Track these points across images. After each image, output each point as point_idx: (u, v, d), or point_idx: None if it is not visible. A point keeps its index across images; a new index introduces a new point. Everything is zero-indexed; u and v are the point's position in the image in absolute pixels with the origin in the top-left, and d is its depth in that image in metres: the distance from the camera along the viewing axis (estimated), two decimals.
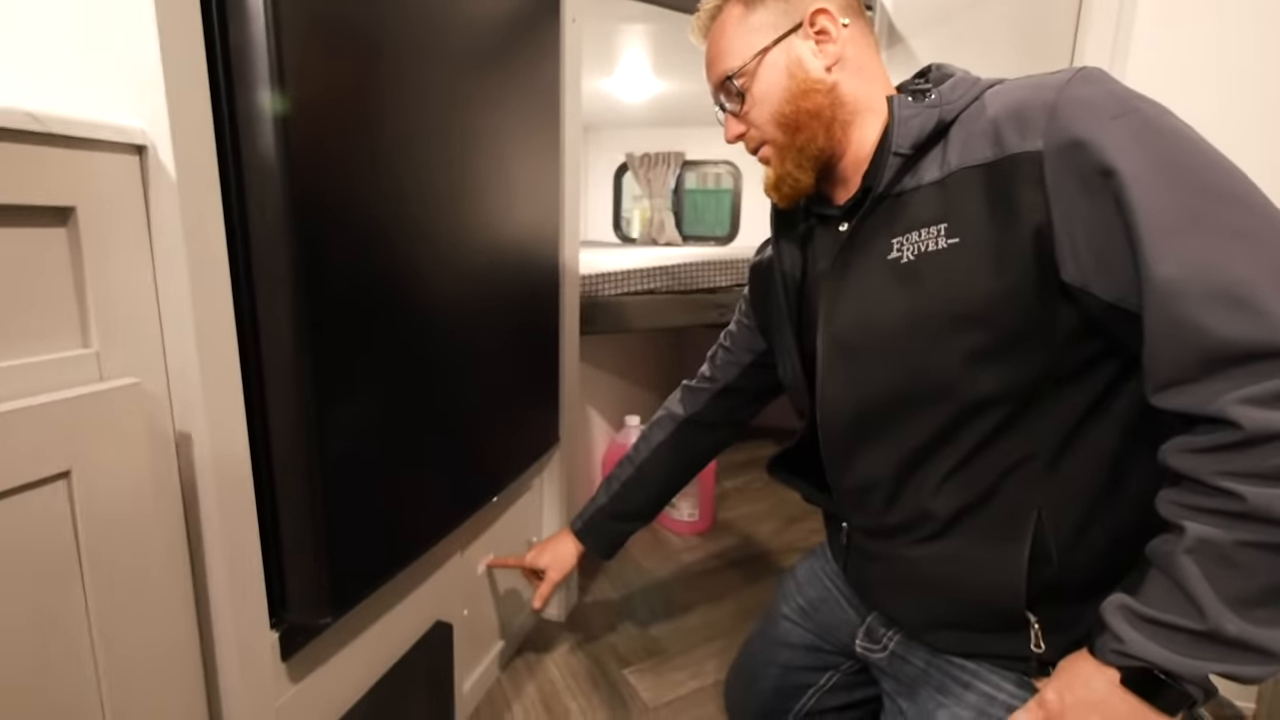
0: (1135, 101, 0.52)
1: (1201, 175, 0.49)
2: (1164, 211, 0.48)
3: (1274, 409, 0.45)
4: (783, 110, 0.66)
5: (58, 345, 0.49)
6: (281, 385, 0.62)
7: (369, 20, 0.66)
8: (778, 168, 0.68)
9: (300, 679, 0.72)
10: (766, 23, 0.66)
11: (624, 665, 1.29)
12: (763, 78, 0.66)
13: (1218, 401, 0.47)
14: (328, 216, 0.63)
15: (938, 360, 0.60)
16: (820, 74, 0.65)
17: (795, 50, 0.65)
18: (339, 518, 0.68)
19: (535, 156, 1.08)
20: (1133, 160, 0.49)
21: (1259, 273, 0.46)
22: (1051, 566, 0.61)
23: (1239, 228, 0.47)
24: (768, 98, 0.66)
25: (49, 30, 0.53)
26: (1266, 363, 0.45)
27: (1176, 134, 0.50)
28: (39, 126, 0.45)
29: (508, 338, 1.05)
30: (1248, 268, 0.46)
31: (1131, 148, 0.49)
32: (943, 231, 0.58)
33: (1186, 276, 0.47)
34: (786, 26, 0.66)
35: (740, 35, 0.67)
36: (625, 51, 1.86)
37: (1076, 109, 0.52)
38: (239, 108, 0.56)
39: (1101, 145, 0.50)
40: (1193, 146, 0.50)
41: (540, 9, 1.05)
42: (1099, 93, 0.52)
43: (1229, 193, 0.48)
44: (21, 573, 0.46)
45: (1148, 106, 0.52)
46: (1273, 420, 0.45)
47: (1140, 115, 0.51)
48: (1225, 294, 0.46)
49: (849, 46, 0.65)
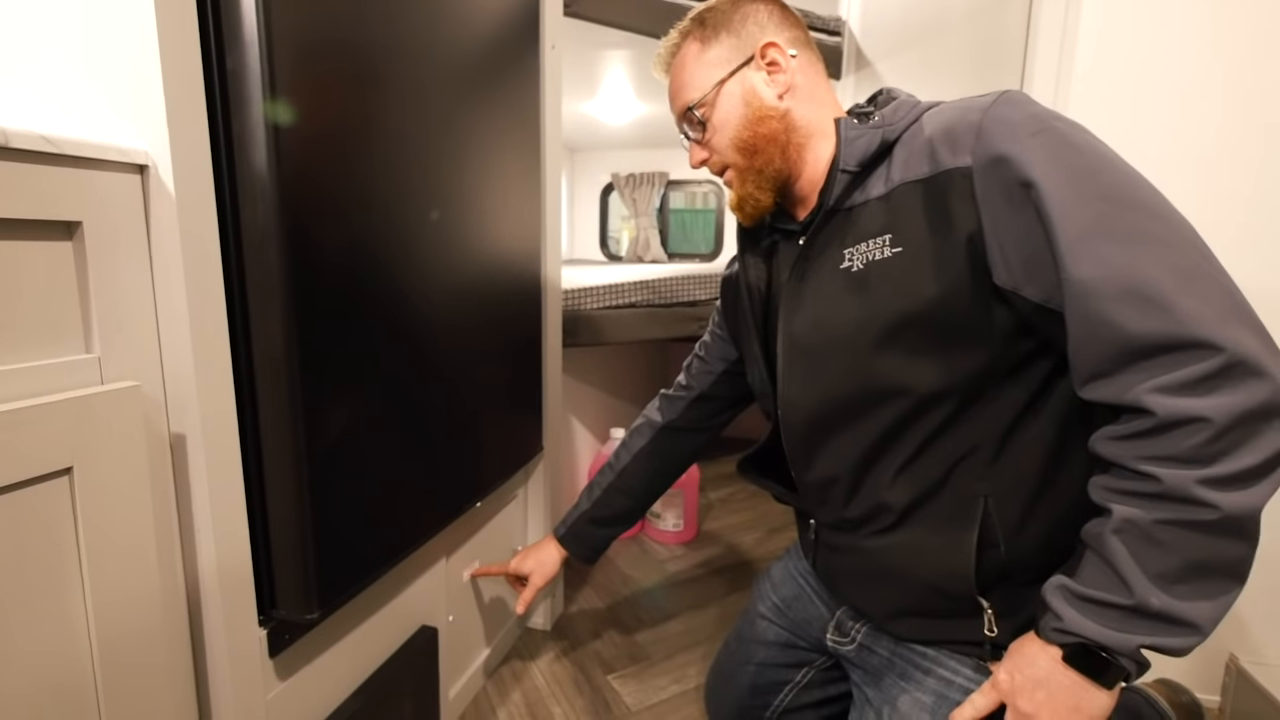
0: (1051, 120, 0.57)
1: (1110, 185, 0.54)
2: (1077, 219, 0.53)
3: (1182, 396, 0.50)
4: (741, 136, 0.71)
5: (62, 350, 0.53)
6: (271, 389, 0.65)
7: (358, 46, 0.71)
8: (739, 189, 0.73)
9: (287, 677, 0.74)
10: (722, 57, 0.72)
11: (608, 671, 1.31)
12: (721, 107, 0.72)
13: (1133, 391, 0.52)
14: (317, 230, 0.67)
15: (886, 360, 0.64)
16: (774, 102, 0.70)
17: (749, 81, 0.71)
18: (325, 517, 0.71)
19: (517, 175, 1.13)
20: (1048, 173, 0.54)
21: (1163, 272, 0.51)
22: (999, 553, 0.65)
23: (1145, 231, 0.52)
24: (727, 125, 0.72)
25: (58, 56, 0.57)
26: (1174, 354, 0.50)
27: (1088, 149, 0.56)
28: (52, 148, 0.49)
29: (490, 348, 1.09)
30: (1154, 268, 0.51)
31: (1047, 162, 0.54)
32: (888, 241, 0.64)
33: (1099, 277, 0.52)
34: (740, 60, 0.71)
35: (699, 69, 0.73)
36: (607, 76, 1.92)
37: (999, 128, 0.57)
38: (234, 128, 0.60)
39: (1021, 160, 0.55)
40: (1103, 160, 0.55)
41: (520, 36, 1.10)
42: (1019, 113, 0.58)
43: (1136, 200, 0.53)
44: (25, 563, 0.49)
45: (1063, 124, 0.57)
46: (1180, 406, 0.49)
47: (1055, 132, 0.56)
48: (1135, 292, 0.51)
49: (798, 75, 0.71)
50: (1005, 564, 0.65)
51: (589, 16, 1.37)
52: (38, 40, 0.58)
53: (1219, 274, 0.52)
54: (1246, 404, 0.48)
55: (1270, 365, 0.49)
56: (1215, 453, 0.49)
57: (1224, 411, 0.48)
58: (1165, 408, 0.50)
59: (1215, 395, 0.49)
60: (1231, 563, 0.52)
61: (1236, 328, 0.49)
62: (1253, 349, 0.49)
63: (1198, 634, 0.52)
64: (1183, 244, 0.52)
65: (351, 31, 0.70)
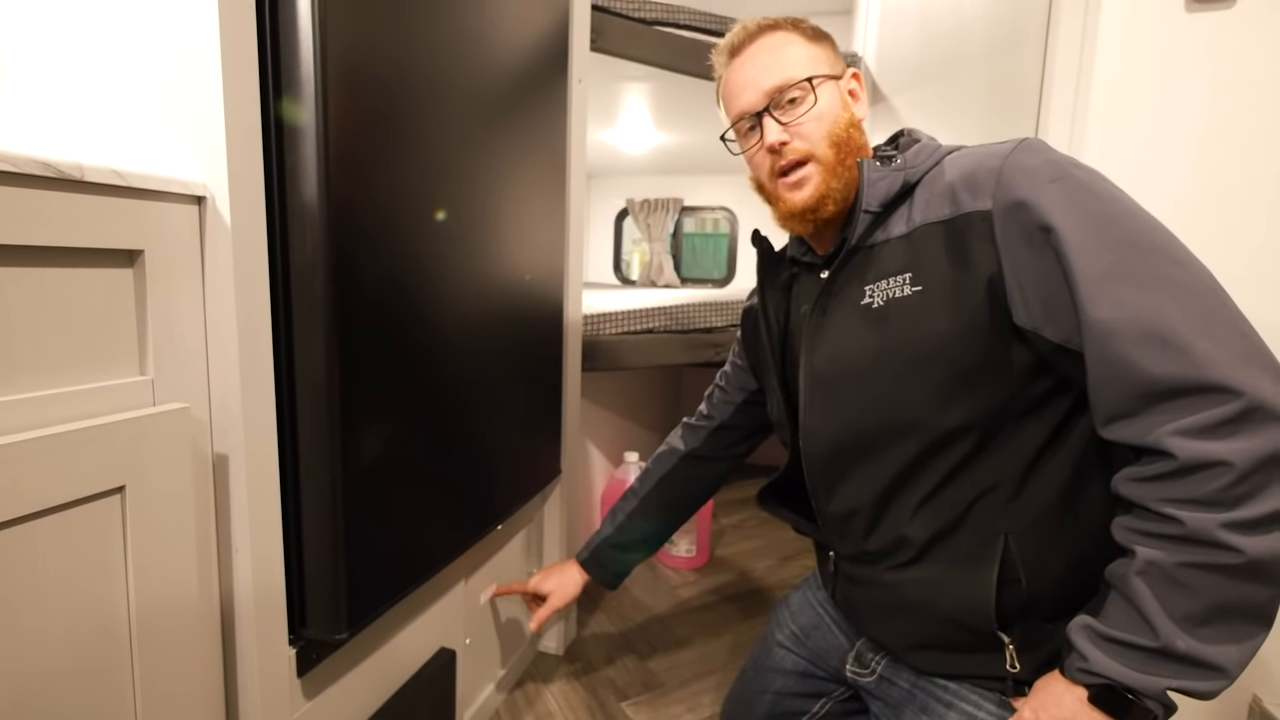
0: (1069, 167, 0.59)
1: (1129, 230, 0.56)
2: (1096, 262, 0.54)
3: (1202, 439, 0.50)
4: (837, 132, 0.69)
5: (119, 372, 0.55)
6: (311, 413, 0.67)
7: (403, 84, 0.74)
8: (822, 185, 0.70)
9: (313, 696, 0.75)
10: (826, 59, 0.72)
11: (621, 698, 1.30)
12: (825, 97, 0.70)
13: (1154, 433, 0.52)
14: (358, 260, 0.69)
15: (906, 395, 0.66)
16: (860, 114, 0.73)
17: (842, 94, 0.72)
18: (357, 538, 0.72)
19: (543, 206, 1.16)
20: (1067, 217, 0.56)
21: (1181, 315, 0.52)
22: (1020, 588, 0.65)
23: (1163, 275, 0.54)
24: (827, 116, 0.70)
25: (127, 91, 0.61)
26: (1193, 397, 0.51)
27: (1107, 195, 0.58)
28: (121, 181, 0.52)
29: (514, 374, 1.11)
30: (1172, 311, 0.52)
31: (1066, 207, 0.56)
32: (908, 280, 0.65)
33: (1118, 319, 0.53)
34: (838, 72, 0.72)
35: (805, 56, 0.71)
36: (627, 106, 1.97)
37: (1019, 174, 0.59)
38: (287, 162, 0.63)
39: (1040, 205, 0.57)
40: (1120, 206, 0.57)
41: (550, 71, 1.14)
42: (1038, 160, 0.60)
43: (1154, 244, 0.55)
44: (74, 578, 0.51)
45: (1081, 172, 0.59)
46: (1201, 450, 0.50)
47: (1073, 179, 0.58)
48: (1153, 334, 0.52)
49: (861, 113, 0.73)
50: (1026, 599, 0.65)
51: (613, 51, 1.41)
52: (110, 75, 0.61)
53: (1236, 318, 0.53)
54: (1267, 449, 0.49)
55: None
56: (1238, 496, 0.50)
57: (1245, 456, 0.49)
58: (1186, 451, 0.51)
59: (1235, 439, 0.49)
60: (1257, 606, 0.52)
61: (1255, 372, 0.50)
62: (1270, 394, 0.49)
63: (1224, 677, 0.52)
64: (1201, 289, 0.54)
65: (398, 70, 0.73)
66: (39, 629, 0.48)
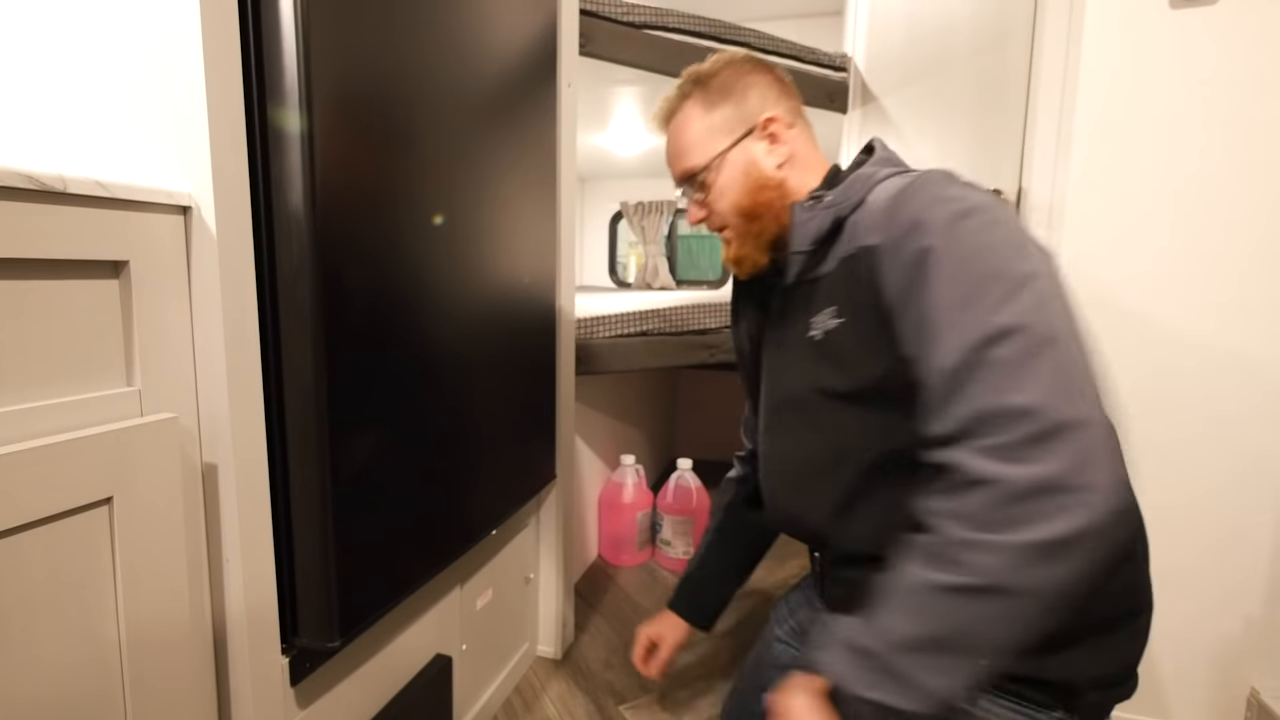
0: (953, 201, 0.58)
1: (987, 264, 0.54)
2: (950, 294, 0.54)
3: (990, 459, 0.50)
4: (741, 203, 0.74)
5: (105, 383, 0.55)
6: (300, 421, 0.67)
7: (390, 92, 0.75)
8: (738, 249, 0.77)
9: (307, 705, 0.75)
10: (725, 125, 0.75)
11: (619, 701, 1.30)
12: (724, 174, 0.75)
13: (955, 450, 0.52)
14: (346, 267, 0.69)
15: (843, 424, 0.68)
16: (773, 171, 0.74)
17: (750, 151, 0.75)
18: (348, 546, 0.72)
19: (534, 211, 1.16)
20: (939, 249, 0.56)
21: (1012, 351, 0.51)
22: None
23: (1003, 308, 0.52)
24: (728, 191, 0.75)
25: (110, 101, 0.61)
26: (999, 421, 0.50)
27: (983, 227, 0.56)
28: (105, 192, 0.52)
29: (507, 379, 1.11)
30: (1005, 344, 0.51)
31: (940, 237, 0.56)
32: (835, 313, 0.67)
33: (954, 347, 0.53)
34: (742, 130, 0.75)
35: (702, 135, 0.76)
36: (618, 109, 1.97)
37: (905, 207, 0.60)
38: (273, 171, 0.63)
39: (916, 239, 0.58)
40: (993, 239, 0.56)
41: (538, 77, 1.14)
42: (927, 195, 0.60)
43: (1004, 275, 0.53)
44: (63, 590, 0.50)
45: (962, 205, 0.58)
46: (982, 468, 0.50)
47: (952, 212, 0.57)
48: (981, 363, 0.51)
49: (796, 145, 0.76)
50: None
51: (602, 55, 1.41)
52: (93, 86, 0.61)
53: (1066, 356, 0.51)
54: (1041, 476, 0.47)
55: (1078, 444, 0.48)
56: (1002, 519, 0.48)
57: (1020, 478, 0.48)
58: (970, 467, 0.50)
59: (1017, 464, 0.48)
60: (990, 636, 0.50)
61: (1064, 405, 0.49)
62: (1068, 421, 0.48)
63: (933, 703, 0.51)
64: (1037, 324, 0.51)
65: (384, 77, 0.74)
66: (27, 640, 0.48)
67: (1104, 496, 0.47)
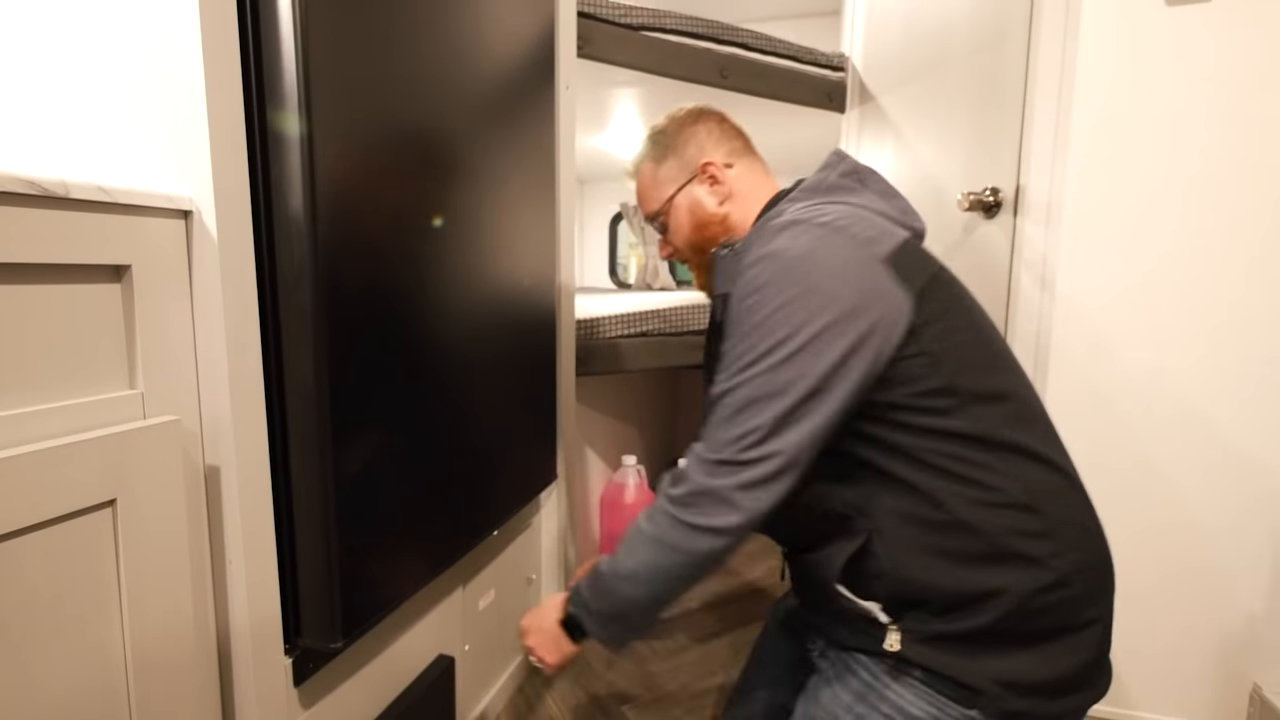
0: (751, 281, 0.69)
1: (759, 323, 0.67)
2: (728, 350, 0.70)
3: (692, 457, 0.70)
4: (691, 239, 0.89)
5: (108, 387, 0.56)
6: (302, 422, 0.68)
7: (389, 95, 0.75)
8: (697, 278, 0.94)
9: (311, 705, 0.75)
10: (670, 176, 0.90)
11: (623, 702, 1.30)
12: (674, 216, 0.90)
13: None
14: (347, 270, 0.70)
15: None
16: (714, 209, 0.87)
17: (694, 194, 0.88)
18: (350, 547, 0.72)
19: (533, 212, 1.16)
20: (736, 304, 0.70)
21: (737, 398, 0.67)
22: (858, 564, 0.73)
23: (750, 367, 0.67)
24: (679, 230, 0.90)
25: (112, 106, 0.61)
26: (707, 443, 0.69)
27: (757, 305, 0.68)
28: (106, 197, 0.52)
29: (507, 380, 1.11)
30: (741, 389, 0.67)
31: (733, 308, 0.71)
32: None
33: (716, 387, 0.70)
34: (685, 177, 0.88)
35: (654, 186, 0.92)
36: (617, 111, 1.98)
37: (745, 264, 0.72)
38: (273, 175, 0.63)
39: (734, 302, 0.71)
40: (756, 318, 0.68)
41: (536, 79, 1.15)
42: (747, 263, 0.71)
43: (768, 336, 0.66)
44: (67, 593, 0.51)
45: (754, 284, 0.69)
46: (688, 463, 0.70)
47: (763, 273, 0.68)
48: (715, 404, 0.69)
49: (736, 183, 0.87)
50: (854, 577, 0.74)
51: (600, 57, 1.42)
52: (93, 91, 0.62)
53: (766, 414, 0.65)
54: (714, 487, 0.66)
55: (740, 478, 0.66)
56: (684, 500, 0.68)
57: (692, 481, 0.68)
58: (688, 465, 0.70)
59: (705, 477, 0.67)
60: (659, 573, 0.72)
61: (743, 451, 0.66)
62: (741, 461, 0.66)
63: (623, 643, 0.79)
64: (754, 389, 0.66)
65: (384, 82, 0.74)
66: (31, 641, 0.49)
67: (741, 515, 0.66)
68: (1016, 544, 0.65)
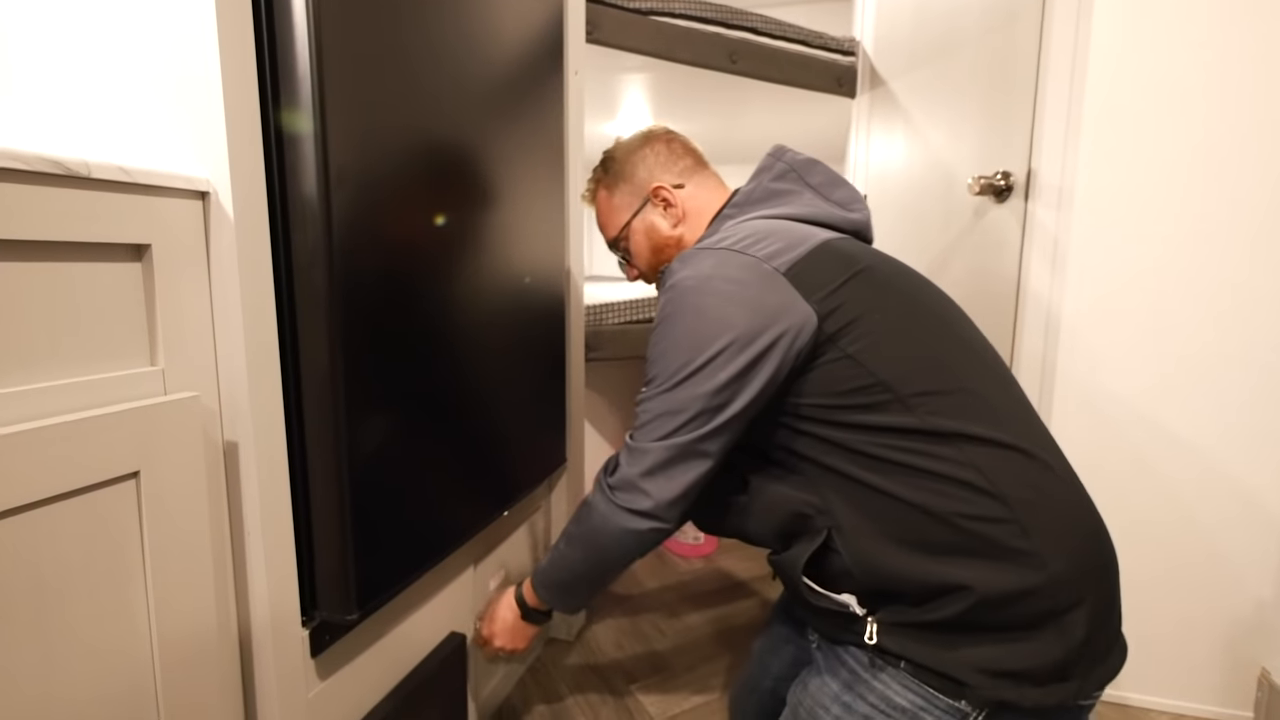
0: (664, 308, 0.77)
1: (671, 339, 0.75)
2: (647, 364, 0.78)
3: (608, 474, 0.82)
4: (650, 260, 0.95)
5: (130, 363, 0.57)
6: (317, 400, 0.69)
7: (400, 79, 0.76)
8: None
9: (327, 676, 0.77)
10: (624, 202, 0.95)
11: (631, 681, 1.32)
12: (633, 240, 0.96)
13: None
14: (361, 251, 0.71)
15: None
16: (669, 231, 0.92)
17: (648, 218, 0.93)
18: (365, 521, 0.74)
19: (543, 198, 1.17)
20: (657, 321, 0.78)
21: (652, 408, 0.76)
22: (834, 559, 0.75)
23: (647, 389, 0.78)
24: (639, 254, 0.96)
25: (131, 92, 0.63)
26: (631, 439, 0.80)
27: (664, 333, 0.76)
28: (127, 177, 0.53)
29: (519, 362, 1.12)
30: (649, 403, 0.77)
31: (656, 319, 0.78)
32: None
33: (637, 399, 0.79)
34: (638, 202, 0.93)
35: (610, 212, 0.97)
36: (626, 97, 1.97)
37: (661, 294, 0.79)
38: (288, 158, 0.65)
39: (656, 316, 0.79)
40: (664, 345, 0.76)
41: (545, 65, 1.15)
42: (678, 274, 0.76)
43: (680, 351, 0.73)
44: (94, 562, 0.53)
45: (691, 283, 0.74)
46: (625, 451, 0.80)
47: (677, 293, 0.75)
48: (638, 408, 0.79)
49: (688, 203, 0.91)
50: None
51: (609, 43, 1.42)
52: (113, 74, 0.63)
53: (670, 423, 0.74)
54: (630, 477, 0.77)
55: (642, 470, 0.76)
56: (606, 484, 0.81)
57: (625, 473, 0.78)
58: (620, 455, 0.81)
59: (627, 466, 0.78)
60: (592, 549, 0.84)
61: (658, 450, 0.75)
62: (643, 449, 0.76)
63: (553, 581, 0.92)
64: (658, 401, 0.75)
65: (394, 63, 0.75)
66: (63, 604, 0.51)
67: (653, 501, 0.76)
68: (976, 527, 0.64)
